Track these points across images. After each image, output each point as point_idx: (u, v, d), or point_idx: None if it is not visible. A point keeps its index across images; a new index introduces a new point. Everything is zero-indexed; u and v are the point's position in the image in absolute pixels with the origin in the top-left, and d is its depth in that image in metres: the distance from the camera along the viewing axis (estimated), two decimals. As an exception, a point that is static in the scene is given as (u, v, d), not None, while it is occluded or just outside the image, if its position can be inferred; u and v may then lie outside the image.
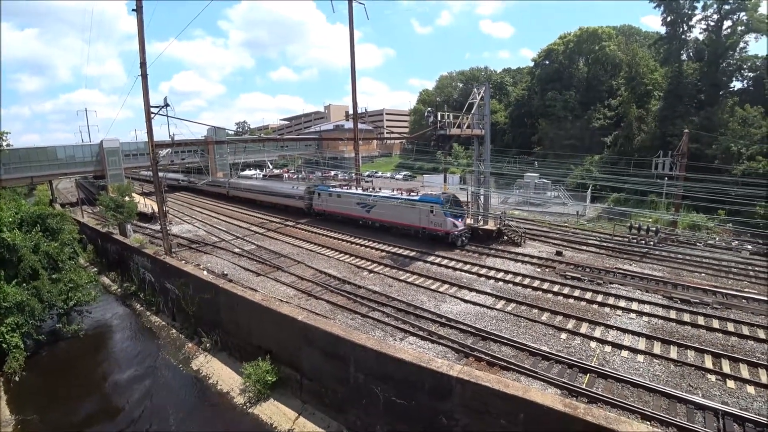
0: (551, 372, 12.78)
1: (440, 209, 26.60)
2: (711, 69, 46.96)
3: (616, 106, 56.79)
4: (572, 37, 62.25)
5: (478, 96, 26.90)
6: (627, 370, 12.75)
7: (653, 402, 11.33)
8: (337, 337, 14.80)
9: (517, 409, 10.98)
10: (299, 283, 21.34)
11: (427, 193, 31.23)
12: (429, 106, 61.35)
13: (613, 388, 11.97)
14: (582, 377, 12.53)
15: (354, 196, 33.22)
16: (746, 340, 14.45)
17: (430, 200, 27.71)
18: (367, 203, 31.56)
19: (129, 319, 26.72)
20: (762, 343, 14.28)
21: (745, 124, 38.42)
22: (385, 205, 30.15)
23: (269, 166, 74.62)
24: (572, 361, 13.17)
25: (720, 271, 21.60)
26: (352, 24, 35.24)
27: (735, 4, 44.53)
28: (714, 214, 32.08)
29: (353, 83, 36.80)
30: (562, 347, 14.22)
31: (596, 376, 12.53)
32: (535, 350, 13.90)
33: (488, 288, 19.68)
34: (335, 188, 36.49)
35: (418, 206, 27.82)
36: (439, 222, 26.69)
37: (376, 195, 31.57)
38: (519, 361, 13.37)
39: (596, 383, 12.22)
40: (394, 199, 29.81)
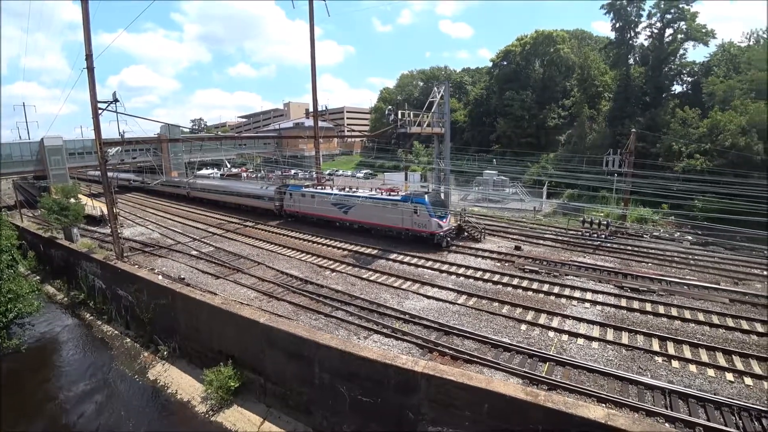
0: (513, 362, 13.15)
1: (425, 209, 25.41)
2: (655, 73, 50.25)
3: (569, 106, 59.38)
4: (529, 39, 64.40)
5: (438, 95, 27.28)
6: (583, 357, 13.35)
7: (608, 385, 11.92)
8: (301, 338, 14.57)
9: (481, 400, 11.22)
10: (260, 284, 20.83)
11: (411, 192, 29.52)
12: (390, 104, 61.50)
13: (571, 374, 12.49)
14: (542, 366, 12.98)
15: (330, 196, 31.27)
16: (688, 323, 15.52)
17: (413, 200, 26.21)
18: (345, 204, 29.89)
19: (78, 330, 25.09)
20: (702, 325, 15.40)
21: (685, 125, 41.17)
22: (364, 206, 28.60)
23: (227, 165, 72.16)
24: (532, 351, 13.62)
25: (664, 261, 23.05)
26: (313, 20, 34.79)
27: (676, 14, 47.95)
28: (658, 208, 34.19)
29: (313, 81, 36.31)
30: (523, 338, 14.66)
31: (555, 364, 13.02)
32: (497, 342, 14.25)
33: (450, 283, 19.99)
34: (309, 188, 34.39)
35: (401, 206, 26.41)
36: (424, 223, 25.51)
37: (354, 195, 29.84)
38: (482, 354, 13.67)
39: (555, 371, 12.70)
40: (374, 199, 28.28)
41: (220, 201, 43.63)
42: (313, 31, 34.99)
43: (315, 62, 35.96)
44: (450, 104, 28.76)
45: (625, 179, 32.10)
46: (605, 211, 33.39)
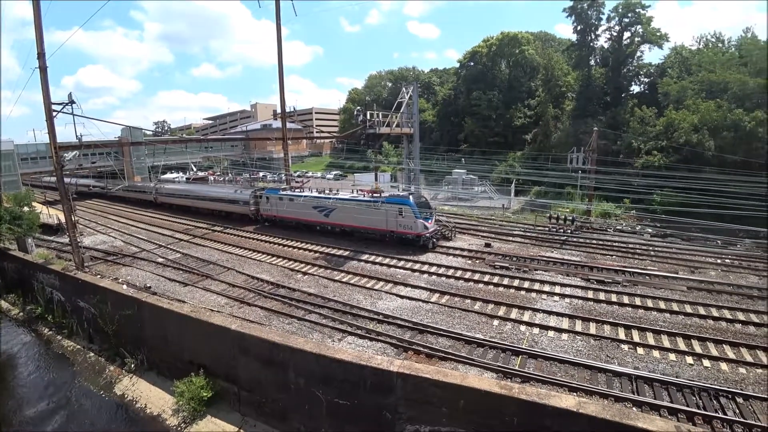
0: (486, 357, 13.36)
1: (410, 210, 24.91)
2: (615, 74, 52.57)
3: (535, 105, 61.09)
4: (495, 41, 65.89)
5: (406, 95, 27.52)
6: (554, 349, 13.72)
7: (578, 374, 12.31)
8: (274, 344, 14.30)
9: (457, 396, 11.33)
10: (231, 290, 20.34)
11: (394, 193, 28.87)
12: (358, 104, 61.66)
13: (543, 366, 12.81)
14: (515, 359, 13.24)
15: (310, 199, 30.02)
16: (650, 312, 16.25)
17: (398, 201, 25.66)
18: (326, 207, 28.90)
19: (35, 347, 23.66)
20: (663, 312, 16.16)
21: (643, 123, 43.12)
22: (346, 208, 27.75)
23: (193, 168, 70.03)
24: (505, 346, 13.88)
25: (627, 253, 24.04)
26: (279, 20, 34.21)
27: (633, 18, 50.42)
28: (621, 203, 35.64)
29: (281, 81, 35.77)
30: (495, 333, 14.93)
31: (527, 357, 13.32)
32: (470, 338, 14.45)
33: (423, 282, 20.13)
34: (287, 191, 32.99)
35: (385, 208, 25.80)
36: (409, 224, 24.98)
37: (335, 197, 28.89)
38: (456, 351, 13.83)
39: (528, 363, 13.00)
40: (357, 201, 27.46)
41: (192, 206, 41.63)
42: (279, 31, 34.51)
43: (282, 62, 35.49)
44: (419, 104, 29.09)
45: (588, 176, 33.31)
46: (571, 207, 34.53)
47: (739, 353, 13.20)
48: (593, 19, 53.13)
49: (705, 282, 19.25)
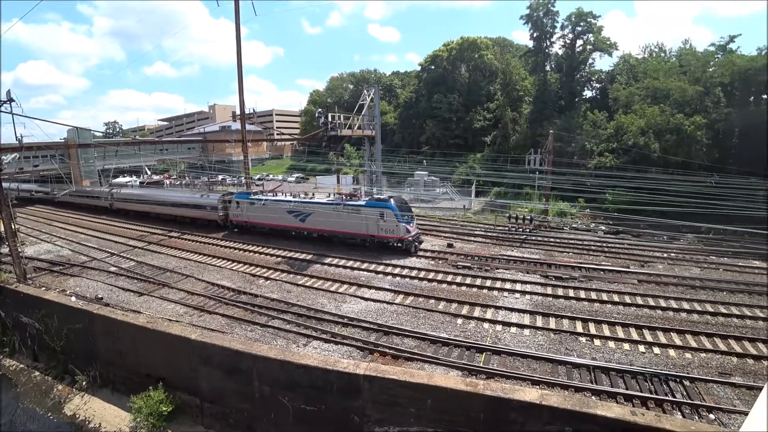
0: (452, 356, 13.54)
1: (392, 214, 24.36)
2: (568, 79, 55.13)
3: (494, 109, 62.87)
4: (455, 45, 67.34)
5: (368, 97, 27.58)
6: (516, 344, 14.10)
7: (540, 368, 12.70)
8: (237, 352, 13.87)
9: (424, 396, 11.40)
10: (190, 298, 19.58)
11: (375, 196, 28.47)
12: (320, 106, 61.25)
13: (507, 361, 13.13)
14: (479, 356, 13.50)
15: (284, 203, 28.98)
16: (605, 305, 17.06)
17: (379, 205, 25.13)
18: (301, 211, 27.90)
19: (-30, 367, 21.82)
20: (616, 305, 17.01)
21: (595, 126, 45.33)
22: (323, 213, 26.72)
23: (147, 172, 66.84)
24: (469, 344, 14.12)
25: (583, 250, 25.15)
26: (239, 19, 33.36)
27: (585, 27, 53.25)
28: (575, 202, 37.25)
29: (240, 82, 34.85)
30: (459, 332, 15.16)
31: (491, 353, 13.61)
32: (436, 338, 14.60)
33: (386, 284, 20.18)
34: (259, 195, 31.65)
35: (365, 212, 25.13)
36: (391, 228, 24.38)
37: (311, 201, 28.08)
38: (421, 351, 13.93)
39: (492, 360, 13.28)
40: (335, 205, 26.62)
41: (153, 213, 39.01)
42: (239, 31, 33.59)
43: (241, 63, 34.50)
44: (380, 107, 29.22)
45: (545, 176, 34.63)
46: (529, 206, 35.76)
47: (685, 340, 14.10)
48: (548, 27, 55.56)
49: (653, 275, 20.47)
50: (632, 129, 39.55)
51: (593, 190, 33.50)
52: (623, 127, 40.81)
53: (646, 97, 43.00)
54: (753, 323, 15.41)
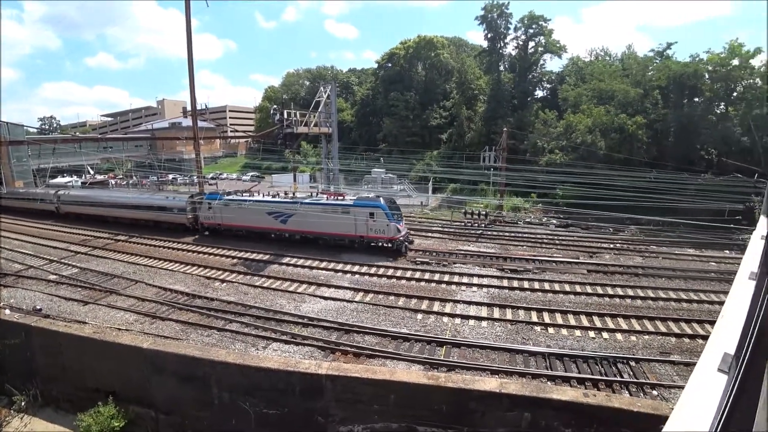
0: (413, 351, 13.67)
1: (382, 214, 23.53)
2: (521, 79, 57.26)
3: (450, 107, 64.09)
4: (412, 44, 68.07)
5: (324, 94, 27.29)
6: (475, 336, 14.45)
7: (498, 358, 13.09)
8: (193, 358, 13.36)
9: (387, 392, 11.48)
10: (140, 305, 18.57)
11: (364, 195, 27.64)
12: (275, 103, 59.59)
13: (466, 353, 13.41)
14: (440, 350, 13.71)
15: (263, 204, 27.18)
16: (558, 294, 17.86)
17: (369, 204, 24.22)
18: (283, 212, 26.28)
19: None
20: (568, 294, 17.86)
21: (546, 125, 47.33)
22: (307, 214, 25.27)
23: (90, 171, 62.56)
24: (430, 338, 14.31)
25: (536, 243, 26.21)
26: (189, 9, 31.85)
27: (536, 30, 55.51)
28: (528, 197, 38.76)
29: (191, 76, 33.11)
30: (420, 327, 15.33)
31: (451, 346, 13.85)
32: (396, 334, 14.69)
33: (346, 282, 20.08)
34: (234, 195, 29.58)
35: (354, 212, 24.09)
36: (381, 228, 23.53)
37: (294, 201, 26.52)
38: (383, 347, 13.96)
39: (452, 353, 13.52)
40: (321, 205, 25.31)
41: (109, 216, 35.44)
42: (189, 22, 32.07)
43: (192, 56, 32.88)
44: (337, 104, 29.05)
45: (500, 173, 35.77)
46: (484, 202, 36.81)
47: (630, 324, 15.04)
48: (502, 28, 57.44)
49: (601, 265, 21.67)
50: (580, 128, 41.64)
51: (545, 185, 35.08)
52: (572, 125, 42.89)
53: (592, 97, 45.43)
54: (688, 306, 16.71)
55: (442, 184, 47.99)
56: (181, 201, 31.59)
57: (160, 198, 33.95)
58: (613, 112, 41.01)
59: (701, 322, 14.91)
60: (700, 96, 41.80)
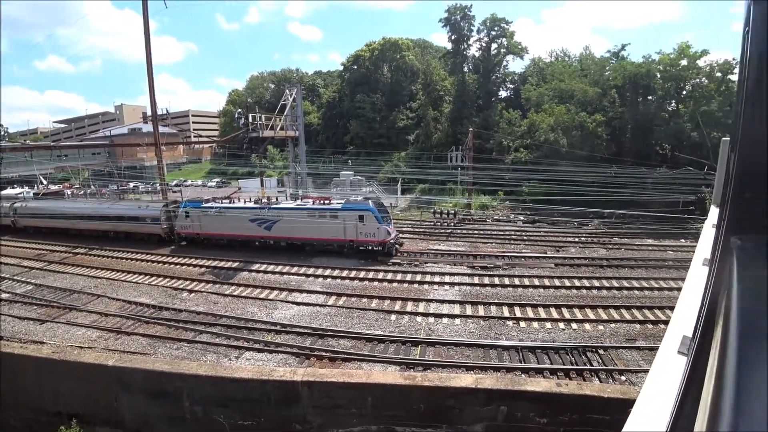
0: (388, 352, 13.66)
1: (372, 217, 23.06)
2: (485, 80, 58.47)
3: (416, 108, 64.60)
4: (377, 46, 68.23)
5: (290, 97, 26.92)
6: (449, 334, 14.60)
7: (473, 354, 13.27)
8: (162, 373, 12.91)
9: (364, 395, 11.44)
10: (103, 321, 17.70)
11: (352, 199, 27.15)
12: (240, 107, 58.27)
13: (441, 351, 13.53)
14: (415, 350, 13.76)
15: (246, 211, 26.20)
16: (527, 289, 18.30)
17: (358, 207, 23.80)
18: (266, 219, 25.43)
19: None
20: (537, 288, 18.33)
21: (510, 124, 48.55)
22: (294, 219, 24.56)
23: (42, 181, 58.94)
24: (404, 338, 14.36)
25: (505, 240, 26.79)
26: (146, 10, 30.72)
27: (498, 32, 56.87)
28: (496, 195, 39.62)
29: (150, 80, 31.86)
30: (394, 328, 15.34)
31: (426, 345, 13.94)
32: (371, 336, 14.65)
33: (318, 286, 19.88)
34: (213, 203, 28.03)
35: (343, 216, 23.52)
36: (372, 232, 23.04)
37: (278, 207, 25.71)
38: (358, 350, 13.89)
39: (427, 352, 13.60)
40: (308, 210, 24.59)
41: (74, 229, 33.01)
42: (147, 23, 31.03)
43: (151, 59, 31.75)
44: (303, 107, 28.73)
45: (467, 172, 36.41)
46: (453, 201, 37.34)
47: (597, 314, 15.60)
48: (466, 31, 58.51)
49: (567, 258, 22.38)
50: (543, 126, 42.94)
51: (511, 183, 35.91)
52: (535, 124, 44.17)
53: (554, 97, 46.95)
54: (650, 293, 17.51)
55: (411, 184, 48.35)
56: (154, 210, 29.83)
57: (130, 207, 32.01)
58: (574, 111, 42.53)
59: (662, 308, 15.64)
60: (653, 94, 44.01)
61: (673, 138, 41.39)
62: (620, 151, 40.59)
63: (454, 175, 38.61)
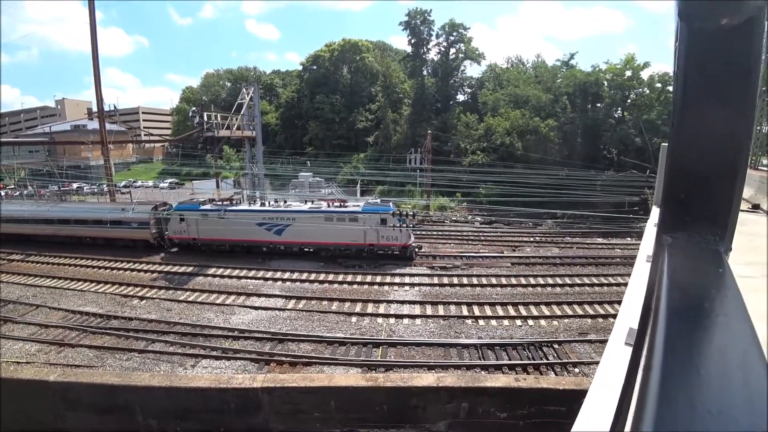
0: (350, 354, 13.59)
1: (395, 219, 22.41)
2: (443, 84, 59.68)
3: (375, 110, 64.87)
4: (337, 46, 67.85)
5: (247, 96, 26.11)
6: (410, 334, 14.74)
7: (434, 353, 13.47)
8: (112, 386, 12.16)
9: (327, 398, 11.33)
10: (44, 332, 16.43)
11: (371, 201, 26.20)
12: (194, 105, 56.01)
13: (403, 352, 13.62)
14: (376, 351, 13.78)
15: (253, 214, 24.17)
16: (486, 288, 18.83)
17: (380, 210, 22.94)
18: (276, 223, 23.77)
19: None
20: (495, 287, 18.89)
21: (468, 128, 49.79)
22: (308, 223, 23.24)
23: None
24: (365, 340, 14.35)
25: (463, 240, 27.50)
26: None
27: (457, 37, 58.25)
28: (453, 197, 40.51)
29: (96, 73, 30.09)
30: (355, 330, 15.28)
31: (387, 346, 13.99)
32: (332, 339, 14.52)
33: (277, 290, 19.46)
34: (211, 206, 25.60)
35: (364, 219, 22.60)
36: (394, 235, 22.33)
37: (290, 210, 24.04)
38: (319, 353, 13.72)
39: (389, 352, 13.66)
40: (325, 213, 23.30)
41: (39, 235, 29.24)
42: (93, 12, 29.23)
43: (97, 51, 29.88)
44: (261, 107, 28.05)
45: (425, 174, 37.01)
46: (412, 203, 37.75)
47: (552, 310, 16.29)
48: (425, 35, 59.48)
49: (523, 257, 23.24)
50: (499, 130, 44.42)
51: (468, 185, 36.87)
52: (492, 128, 45.61)
53: (509, 102, 48.71)
54: (600, 289, 18.51)
55: (371, 186, 48.45)
56: (142, 214, 27.10)
57: (112, 210, 28.90)
58: (528, 116, 44.33)
59: (611, 303, 16.55)
60: (601, 102, 46.72)
61: (619, 143, 44.09)
62: (571, 155, 42.67)
63: (413, 176, 39.12)
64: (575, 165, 36.75)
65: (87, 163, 66.74)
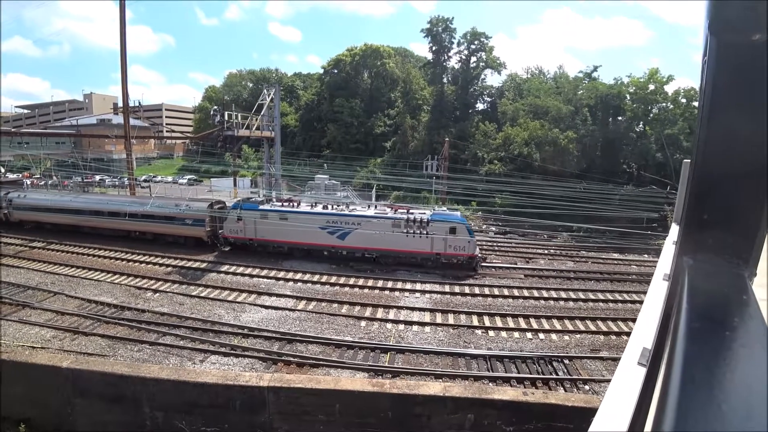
0: (357, 358, 13.60)
1: (464, 229, 22.08)
2: (463, 92, 59.55)
3: (394, 115, 64.97)
4: (358, 51, 68.28)
5: (268, 97, 26.39)
6: (419, 342, 14.66)
7: (442, 362, 13.37)
8: (122, 377, 12.35)
9: (332, 402, 11.30)
10: (59, 319, 16.84)
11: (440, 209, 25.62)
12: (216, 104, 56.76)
13: (410, 359, 13.57)
14: (384, 356, 13.74)
15: (316, 216, 23.54)
16: (497, 299, 18.62)
17: (450, 219, 22.52)
18: (340, 227, 23.15)
19: None
20: (507, 298, 18.67)
21: (486, 136, 49.49)
22: (372, 228, 22.59)
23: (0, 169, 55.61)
24: (374, 345, 14.32)
25: (477, 249, 27.08)
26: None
27: (478, 46, 58.12)
28: (469, 205, 40.23)
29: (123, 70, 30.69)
30: (364, 334, 15.28)
31: (396, 352, 13.94)
32: (340, 342, 14.53)
33: (288, 290, 19.56)
34: (271, 206, 24.88)
35: (433, 227, 22.17)
36: (462, 245, 21.91)
37: (357, 214, 23.42)
38: (327, 356, 13.74)
39: (396, 359, 13.61)
40: (392, 218, 22.66)
41: (86, 226, 28.88)
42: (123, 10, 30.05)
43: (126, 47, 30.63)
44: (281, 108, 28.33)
45: (441, 181, 36.86)
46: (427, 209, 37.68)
47: (564, 324, 16.03)
48: (446, 42, 59.54)
49: (536, 269, 22.93)
50: (517, 140, 44.05)
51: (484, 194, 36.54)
52: (510, 138, 45.26)
53: (529, 112, 48.33)
54: (614, 305, 18.14)
55: (386, 191, 48.45)
56: (200, 210, 26.57)
57: (165, 205, 27.93)
58: (547, 127, 43.87)
59: (625, 320, 16.23)
60: (622, 115, 45.99)
61: (639, 157, 43.28)
62: (590, 168, 42.01)
63: (429, 183, 38.98)
64: (594, 178, 36.15)
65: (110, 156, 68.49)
